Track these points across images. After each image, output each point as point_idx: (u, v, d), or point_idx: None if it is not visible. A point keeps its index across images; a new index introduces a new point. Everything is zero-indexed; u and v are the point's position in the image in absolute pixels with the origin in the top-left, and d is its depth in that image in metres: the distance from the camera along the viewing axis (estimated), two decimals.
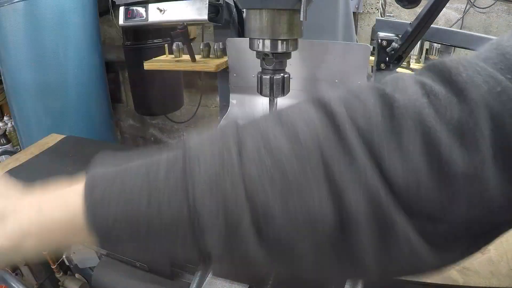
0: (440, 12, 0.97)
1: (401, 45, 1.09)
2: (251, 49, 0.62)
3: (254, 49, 0.62)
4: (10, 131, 2.30)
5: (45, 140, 1.13)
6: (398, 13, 2.19)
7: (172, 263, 0.67)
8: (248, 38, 0.62)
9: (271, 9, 0.57)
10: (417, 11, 1.05)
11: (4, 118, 2.35)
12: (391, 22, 1.14)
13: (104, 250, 0.74)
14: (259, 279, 0.41)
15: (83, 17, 1.67)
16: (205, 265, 0.51)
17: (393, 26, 1.13)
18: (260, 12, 0.57)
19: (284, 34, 0.59)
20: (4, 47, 1.57)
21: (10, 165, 0.95)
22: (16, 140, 2.22)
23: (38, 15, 1.52)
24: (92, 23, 1.75)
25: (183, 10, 1.10)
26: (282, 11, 0.57)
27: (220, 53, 1.37)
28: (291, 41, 0.61)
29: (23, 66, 1.58)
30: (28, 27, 1.52)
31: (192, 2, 1.09)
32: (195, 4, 1.09)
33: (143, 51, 2.07)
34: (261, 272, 0.48)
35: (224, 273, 0.49)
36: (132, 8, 1.14)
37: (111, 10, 2.42)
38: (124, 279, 0.75)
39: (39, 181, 0.34)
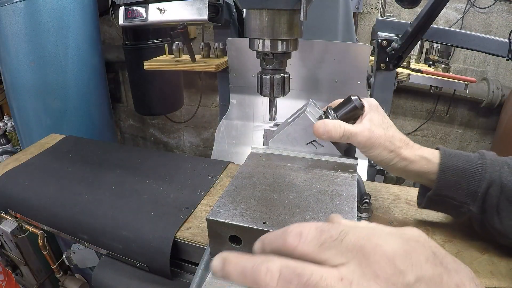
0: (440, 12, 0.97)
1: (401, 45, 1.09)
2: (251, 49, 0.62)
3: (254, 49, 0.62)
4: (10, 131, 2.31)
5: (45, 140, 1.13)
6: (398, 13, 2.19)
7: (172, 263, 0.67)
8: (248, 38, 0.62)
9: (271, 9, 0.57)
10: (417, 11, 1.05)
11: (4, 118, 2.36)
12: (391, 22, 1.14)
13: (104, 250, 0.74)
14: None
15: (83, 17, 1.67)
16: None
17: (393, 26, 1.13)
18: (260, 12, 0.57)
19: (284, 34, 0.59)
20: (4, 47, 1.57)
21: (10, 165, 0.95)
22: (16, 140, 2.22)
23: (38, 15, 1.52)
24: (92, 23, 1.75)
25: (183, 10, 1.10)
26: (282, 11, 0.57)
27: (220, 53, 1.37)
28: (291, 41, 0.61)
29: (23, 66, 1.58)
30: (28, 27, 1.52)
31: (192, 2, 1.09)
32: (195, 4, 1.09)
33: (143, 51, 2.08)
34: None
35: None
36: (132, 8, 1.14)
37: (111, 10, 2.42)
38: (124, 279, 0.76)
39: (39, 181, 0.34)
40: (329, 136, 0.57)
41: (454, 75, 1.44)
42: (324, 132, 0.57)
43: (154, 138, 3.28)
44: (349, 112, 0.58)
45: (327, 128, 0.56)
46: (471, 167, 0.53)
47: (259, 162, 0.65)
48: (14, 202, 0.86)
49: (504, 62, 2.19)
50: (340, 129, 0.56)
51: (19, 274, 1.06)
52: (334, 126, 0.56)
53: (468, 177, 0.53)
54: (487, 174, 0.52)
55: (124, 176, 0.88)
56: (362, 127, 0.56)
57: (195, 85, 2.82)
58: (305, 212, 0.50)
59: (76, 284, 1.03)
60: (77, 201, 0.79)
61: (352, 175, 0.61)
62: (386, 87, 1.17)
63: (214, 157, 1.28)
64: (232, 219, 0.48)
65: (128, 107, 3.18)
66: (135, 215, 0.73)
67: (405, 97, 2.47)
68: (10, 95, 1.70)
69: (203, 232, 0.67)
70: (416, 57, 1.60)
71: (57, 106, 1.68)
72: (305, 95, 1.18)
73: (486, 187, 0.52)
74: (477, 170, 0.53)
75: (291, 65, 1.11)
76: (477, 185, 0.52)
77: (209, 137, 3.04)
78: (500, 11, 2.09)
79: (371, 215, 0.65)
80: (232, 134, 1.27)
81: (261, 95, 0.66)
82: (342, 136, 0.56)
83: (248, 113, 1.25)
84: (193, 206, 0.76)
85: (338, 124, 0.56)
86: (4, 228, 0.91)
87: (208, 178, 0.86)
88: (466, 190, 0.53)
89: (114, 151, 1.04)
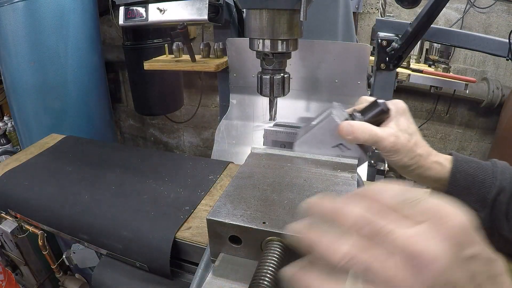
0: (440, 12, 0.97)
1: (401, 45, 1.09)
2: (251, 49, 0.62)
3: (254, 49, 0.62)
4: (10, 131, 2.31)
5: (45, 140, 1.13)
6: (398, 13, 2.19)
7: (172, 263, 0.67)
8: (248, 38, 0.62)
9: (271, 9, 0.57)
10: (417, 11, 1.05)
11: (4, 118, 2.36)
12: (391, 22, 1.14)
13: (104, 250, 0.74)
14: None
15: (83, 17, 1.67)
16: None
17: (393, 26, 1.13)
18: (260, 12, 0.57)
19: (284, 34, 0.59)
20: (4, 47, 1.57)
21: (10, 165, 0.95)
22: (16, 140, 2.22)
23: (38, 15, 1.52)
24: (92, 23, 1.75)
25: (183, 10, 1.10)
26: (282, 11, 0.57)
27: (220, 53, 1.37)
28: (291, 41, 0.61)
29: (23, 66, 1.58)
30: (28, 27, 1.52)
31: (192, 2, 1.09)
32: (195, 4, 1.09)
33: (143, 51, 2.08)
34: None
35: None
36: (132, 8, 1.14)
37: (111, 10, 2.42)
38: (124, 279, 0.76)
39: (39, 181, 0.34)
40: (355, 137, 0.56)
41: (454, 75, 1.44)
42: (349, 132, 0.56)
43: (154, 138, 3.28)
44: (376, 116, 0.57)
45: (353, 129, 0.55)
46: (482, 173, 0.53)
47: (259, 162, 0.65)
48: (14, 202, 0.86)
49: (504, 62, 2.19)
50: (366, 131, 0.55)
51: (19, 274, 1.06)
52: (361, 128, 0.55)
53: (479, 182, 0.53)
54: (497, 181, 0.52)
55: (124, 176, 0.88)
56: (389, 131, 0.55)
57: (195, 85, 2.81)
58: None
59: (76, 284, 1.03)
60: (77, 201, 0.79)
61: (352, 175, 0.61)
62: (386, 87, 1.17)
63: (214, 157, 1.28)
64: (232, 219, 0.48)
65: (128, 107, 3.18)
66: (135, 215, 0.73)
67: (405, 97, 2.46)
68: (10, 95, 1.70)
69: (203, 232, 0.68)
70: (416, 57, 1.60)
71: (57, 106, 1.68)
72: (305, 95, 1.18)
73: (496, 194, 0.52)
74: (488, 176, 0.53)
75: (291, 65, 1.11)
76: (487, 191, 0.53)
77: (209, 137, 3.04)
78: (500, 11, 2.09)
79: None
80: (232, 134, 1.27)
81: (261, 95, 0.66)
82: (368, 138, 0.55)
83: (248, 113, 1.25)
84: (193, 206, 0.76)
85: (365, 126, 0.55)
86: (4, 228, 0.91)
87: (208, 178, 0.86)
88: (476, 195, 0.53)
89: (114, 151, 1.04)
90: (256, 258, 0.48)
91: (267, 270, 0.42)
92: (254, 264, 0.45)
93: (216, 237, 0.50)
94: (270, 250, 0.44)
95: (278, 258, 0.43)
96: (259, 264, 0.43)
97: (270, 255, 0.43)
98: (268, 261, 0.43)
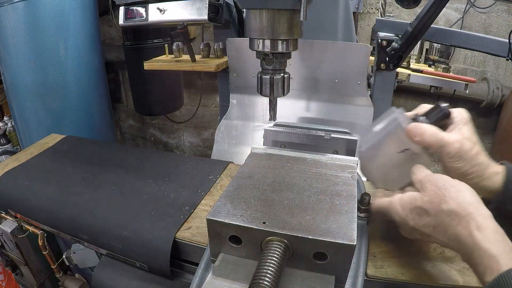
0: (440, 12, 0.97)
1: (401, 45, 1.09)
2: (251, 49, 0.62)
3: (254, 49, 0.62)
4: (10, 131, 2.31)
5: (45, 140, 1.13)
6: (398, 13, 2.19)
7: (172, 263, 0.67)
8: (248, 38, 0.62)
9: (271, 9, 0.57)
10: (417, 11, 1.05)
11: (4, 118, 2.36)
12: (391, 22, 1.14)
13: (104, 250, 0.74)
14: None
15: (83, 17, 1.67)
16: None
17: (393, 26, 1.13)
18: (260, 12, 0.57)
19: (284, 34, 0.59)
20: (4, 47, 1.57)
21: (10, 165, 0.95)
22: (16, 140, 2.22)
23: (38, 15, 1.52)
24: (92, 23, 1.75)
25: (183, 10, 1.10)
26: (282, 11, 0.57)
27: (220, 53, 1.37)
28: (291, 41, 0.61)
29: (23, 66, 1.58)
30: (28, 27, 1.52)
31: (192, 2, 1.09)
32: (195, 4, 1.09)
33: (143, 51, 2.07)
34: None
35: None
36: (132, 8, 1.14)
37: (111, 10, 2.42)
38: (124, 279, 0.76)
39: (39, 181, 0.34)
40: (423, 139, 0.55)
41: (454, 75, 1.44)
42: (418, 134, 0.55)
43: (154, 138, 3.28)
44: (440, 120, 0.57)
45: (422, 130, 0.55)
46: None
47: (259, 162, 0.65)
48: (14, 202, 0.86)
49: (504, 62, 2.19)
50: (434, 134, 0.55)
51: (19, 274, 1.06)
52: (429, 131, 0.55)
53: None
54: None
55: (124, 176, 0.88)
56: (454, 137, 0.54)
57: (195, 85, 2.81)
58: (305, 212, 0.50)
59: (76, 284, 1.03)
60: (77, 201, 0.79)
61: (352, 175, 0.61)
62: (386, 87, 1.17)
63: (214, 157, 1.28)
64: (232, 219, 0.48)
65: (128, 107, 3.18)
66: (135, 215, 0.73)
67: (405, 97, 2.46)
68: (10, 95, 1.70)
69: (203, 232, 0.67)
70: (416, 57, 1.60)
71: (57, 106, 1.68)
72: (305, 95, 1.18)
73: None
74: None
75: (291, 65, 1.10)
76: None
77: (209, 137, 3.04)
78: (500, 11, 2.09)
79: (371, 215, 0.65)
80: (232, 134, 1.27)
81: (261, 95, 0.66)
82: (435, 142, 0.55)
83: (248, 113, 1.25)
84: (193, 206, 0.76)
85: (433, 129, 0.55)
86: (4, 228, 0.91)
87: (208, 178, 0.86)
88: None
89: (114, 151, 1.04)
90: (256, 258, 0.48)
91: (267, 269, 0.42)
92: (254, 264, 0.45)
93: (216, 237, 0.50)
94: (271, 250, 0.44)
95: (279, 258, 0.43)
96: (259, 264, 0.43)
97: (271, 255, 0.43)
98: (268, 261, 0.43)
